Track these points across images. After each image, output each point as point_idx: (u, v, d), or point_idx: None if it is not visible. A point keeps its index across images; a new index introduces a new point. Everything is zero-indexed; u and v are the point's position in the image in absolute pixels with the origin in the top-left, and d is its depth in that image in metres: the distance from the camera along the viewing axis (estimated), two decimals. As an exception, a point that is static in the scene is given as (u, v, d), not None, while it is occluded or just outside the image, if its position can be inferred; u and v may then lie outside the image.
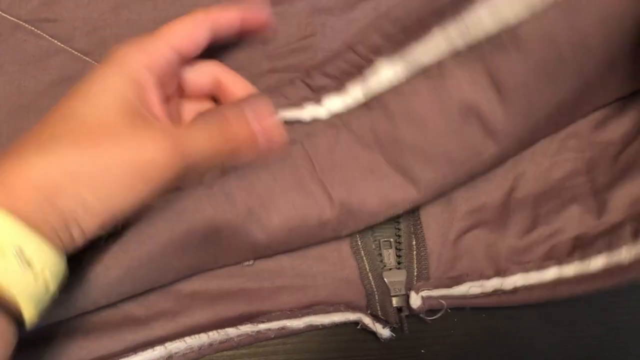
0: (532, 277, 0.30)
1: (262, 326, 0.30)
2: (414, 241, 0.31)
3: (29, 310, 0.20)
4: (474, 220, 0.32)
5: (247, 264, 0.31)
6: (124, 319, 0.29)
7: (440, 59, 0.26)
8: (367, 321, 0.30)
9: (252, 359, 0.30)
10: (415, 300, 0.30)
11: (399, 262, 0.31)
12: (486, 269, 0.31)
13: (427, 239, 0.31)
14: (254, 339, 0.30)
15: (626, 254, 0.28)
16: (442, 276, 0.31)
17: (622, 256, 0.28)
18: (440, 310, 0.30)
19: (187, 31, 0.25)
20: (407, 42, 0.26)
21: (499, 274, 0.31)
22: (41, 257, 0.20)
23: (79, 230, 0.21)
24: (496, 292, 0.30)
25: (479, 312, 0.32)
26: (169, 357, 0.29)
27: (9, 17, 0.30)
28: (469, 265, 0.31)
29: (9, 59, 0.30)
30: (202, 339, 0.29)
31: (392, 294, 0.31)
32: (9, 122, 0.30)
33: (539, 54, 0.25)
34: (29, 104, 0.30)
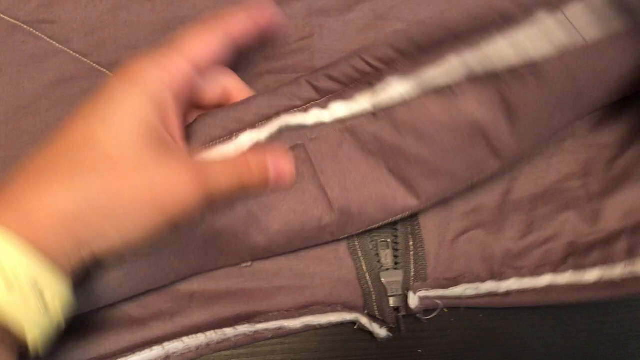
0: (526, 283, 0.30)
1: (260, 326, 0.30)
2: (411, 242, 0.31)
3: (34, 341, 0.20)
4: (470, 221, 0.32)
5: (245, 265, 0.31)
6: (122, 319, 0.29)
7: (454, 81, 0.26)
8: (364, 321, 0.30)
9: (249, 359, 0.31)
10: (413, 300, 0.30)
11: (396, 263, 0.31)
12: (482, 271, 0.31)
13: (424, 240, 0.31)
14: (251, 339, 0.30)
15: (620, 272, 0.29)
16: (439, 277, 0.31)
17: (616, 273, 0.29)
18: (435, 310, 0.30)
19: (203, 42, 0.24)
20: (422, 63, 0.26)
21: (494, 277, 0.31)
22: (53, 287, 0.20)
23: (91, 256, 0.21)
24: (489, 294, 0.31)
25: (475, 312, 0.32)
26: (167, 357, 0.29)
27: (8, 19, 0.30)
28: (465, 266, 0.31)
29: (8, 60, 0.30)
30: (200, 339, 0.29)
31: (389, 294, 0.31)
32: (8, 122, 0.30)
33: (557, 87, 0.25)
34: (28, 105, 0.30)
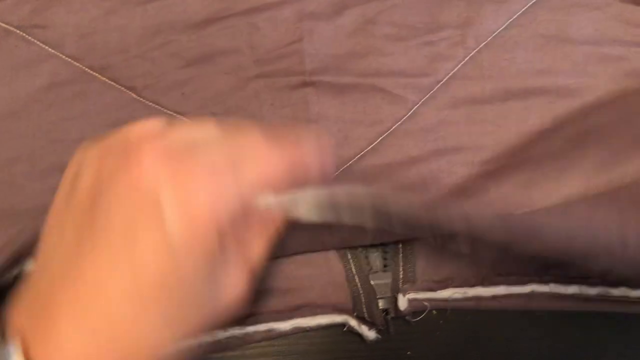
0: (514, 290, 0.30)
1: (250, 328, 0.30)
2: (400, 244, 0.32)
3: None
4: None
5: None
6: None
7: None
8: (353, 323, 0.30)
9: (240, 361, 0.31)
10: (402, 302, 0.30)
11: (385, 265, 0.31)
12: (470, 276, 0.31)
13: (413, 242, 0.32)
14: (241, 341, 0.30)
15: (593, 290, 0.29)
16: (428, 280, 0.31)
17: (591, 291, 0.29)
18: (423, 312, 0.31)
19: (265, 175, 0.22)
20: None
21: (483, 283, 0.31)
22: None
23: None
24: (477, 298, 0.31)
25: (464, 314, 0.32)
26: (157, 358, 0.29)
27: (0, 24, 0.31)
28: (454, 270, 0.31)
29: (1, 65, 0.30)
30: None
31: (378, 297, 0.31)
32: (0, 126, 0.30)
33: None
34: (20, 109, 0.30)
